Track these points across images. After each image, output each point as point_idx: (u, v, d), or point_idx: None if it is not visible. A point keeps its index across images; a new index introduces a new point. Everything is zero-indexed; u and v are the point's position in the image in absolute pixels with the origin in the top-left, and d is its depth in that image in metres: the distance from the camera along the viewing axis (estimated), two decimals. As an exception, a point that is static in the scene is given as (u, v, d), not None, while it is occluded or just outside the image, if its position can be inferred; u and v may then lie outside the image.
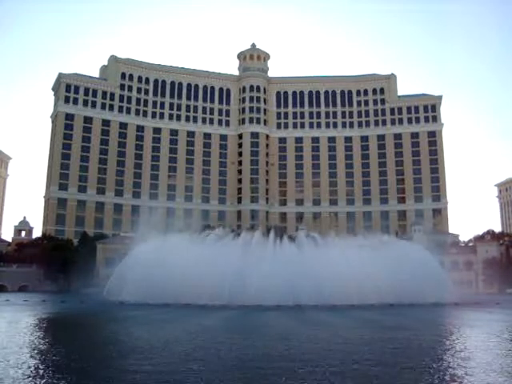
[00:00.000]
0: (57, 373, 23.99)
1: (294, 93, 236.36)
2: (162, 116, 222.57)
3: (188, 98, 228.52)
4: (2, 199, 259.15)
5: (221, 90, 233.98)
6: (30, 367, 24.63)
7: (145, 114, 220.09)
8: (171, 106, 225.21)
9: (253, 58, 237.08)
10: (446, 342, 36.05)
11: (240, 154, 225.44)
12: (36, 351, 30.98)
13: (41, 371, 24.04)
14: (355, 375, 22.93)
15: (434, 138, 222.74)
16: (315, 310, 65.08)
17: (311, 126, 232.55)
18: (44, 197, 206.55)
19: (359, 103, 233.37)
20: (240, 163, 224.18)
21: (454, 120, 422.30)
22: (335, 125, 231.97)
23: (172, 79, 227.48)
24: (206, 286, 73.98)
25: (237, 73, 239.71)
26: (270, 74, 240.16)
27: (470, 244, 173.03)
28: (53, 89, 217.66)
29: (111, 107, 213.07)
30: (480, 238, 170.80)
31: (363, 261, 76.53)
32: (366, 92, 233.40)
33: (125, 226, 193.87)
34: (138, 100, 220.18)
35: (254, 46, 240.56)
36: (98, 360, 28.37)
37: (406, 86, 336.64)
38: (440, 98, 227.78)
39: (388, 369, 24.42)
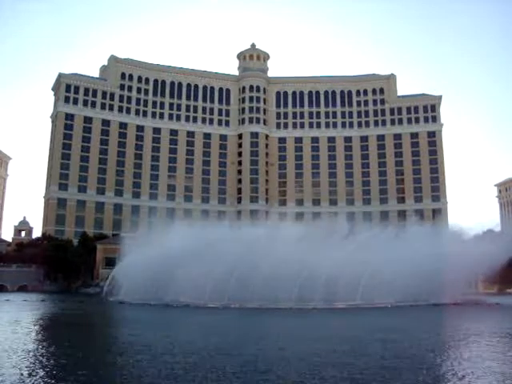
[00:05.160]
0: (63, 375, 24.03)
1: (294, 93, 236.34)
2: (161, 116, 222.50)
3: (188, 98, 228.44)
4: (1, 199, 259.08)
5: (220, 90, 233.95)
6: (33, 368, 24.63)
7: (145, 114, 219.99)
8: (171, 106, 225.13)
9: (252, 58, 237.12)
10: None
11: (240, 154, 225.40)
12: (37, 351, 31.01)
13: (43, 372, 24.05)
14: None
15: (434, 138, 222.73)
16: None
17: (311, 125, 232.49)
18: (44, 197, 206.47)
19: (359, 103, 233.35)
20: (240, 163, 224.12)
21: (453, 120, 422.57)
22: (335, 125, 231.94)
23: (172, 79, 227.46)
24: (208, 287, 73.80)
25: (236, 73, 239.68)
26: (270, 74, 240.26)
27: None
28: (53, 89, 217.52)
29: (111, 107, 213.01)
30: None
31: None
32: (365, 92, 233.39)
33: (124, 226, 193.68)
34: (138, 100, 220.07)
35: (253, 46, 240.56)
36: (104, 363, 28.44)
37: (406, 86, 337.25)
38: (440, 98, 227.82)
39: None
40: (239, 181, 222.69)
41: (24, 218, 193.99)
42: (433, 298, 77.37)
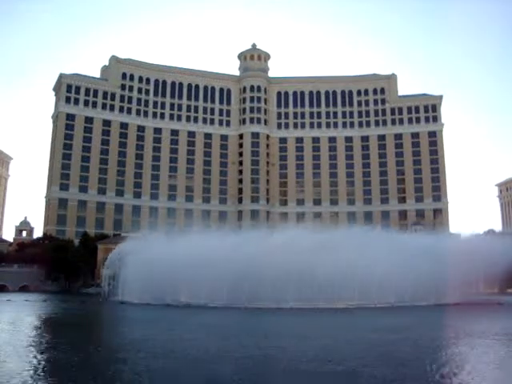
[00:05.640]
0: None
1: (295, 93, 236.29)
2: (162, 116, 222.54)
3: (189, 99, 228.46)
4: (3, 199, 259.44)
5: (221, 90, 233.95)
6: (37, 369, 24.65)
7: (145, 114, 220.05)
8: (172, 107, 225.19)
9: (253, 58, 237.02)
10: None
11: (241, 154, 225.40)
12: (41, 352, 31.08)
13: (48, 373, 24.06)
14: None
15: (435, 138, 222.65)
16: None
17: (312, 125, 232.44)
18: (45, 197, 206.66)
19: (359, 103, 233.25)
20: (241, 163, 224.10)
21: (454, 120, 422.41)
22: (336, 125, 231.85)
23: (172, 79, 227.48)
24: (207, 287, 73.88)
25: (237, 73, 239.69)
26: (271, 74, 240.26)
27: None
28: (54, 89, 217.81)
29: (112, 107, 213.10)
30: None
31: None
32: (366, 92, 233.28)
33: (126, 226, 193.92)
34: (139, 100, 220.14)
35: (254, 46, 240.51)
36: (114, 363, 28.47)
37: (407, 86, 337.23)
38: (440, 97, 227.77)
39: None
40: (240, 181, 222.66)
41: (25, 218, 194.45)
42: (434, 298, 77.37)
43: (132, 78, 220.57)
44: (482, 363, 26.62)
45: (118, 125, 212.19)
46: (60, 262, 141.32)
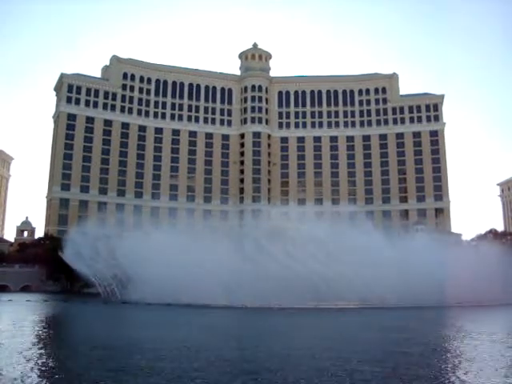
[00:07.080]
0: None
1: (296, 92, 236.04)
2: (163, 116, 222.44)
3: (190, 98, 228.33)
4: (4, 199, 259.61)
5: (222, 89, 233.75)
6: (39, 372, 24.47)
7: (147, 114, 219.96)
8: (173, 106, 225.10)
9: (254, 58, 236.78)
10: None
11: (242, 154, 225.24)
12: (42, 354, 30.92)
13: (51, 376, 23.89)
14: None
15: (436, 138, 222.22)
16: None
17: (313, 125, 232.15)
18: (46, 197, 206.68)
19: (361, 103, 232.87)
20: (242, 163, 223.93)
21: (456, 119, 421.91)
22: (337, 124, 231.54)
23: (174, 79, 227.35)
24: (208, 287, 73.95)
25: (238, 73, 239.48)
26: (272, 73, 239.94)
27: (473, 243, 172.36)
28: (55, 89, 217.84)
29: (113, 107, 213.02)
30: (482, 237, 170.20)
31: None
32: (367, 91, 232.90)
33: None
34: (140, 100, 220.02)
35: (255, 45, 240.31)
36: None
37: (408, 86, 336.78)
38: (442, 97, 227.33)
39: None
40: (241, 180, 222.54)
41: (26, 218, 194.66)
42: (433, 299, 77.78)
43: (133, 77, 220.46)
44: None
45: (119, 125, 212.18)
46: (61, 262, 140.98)
